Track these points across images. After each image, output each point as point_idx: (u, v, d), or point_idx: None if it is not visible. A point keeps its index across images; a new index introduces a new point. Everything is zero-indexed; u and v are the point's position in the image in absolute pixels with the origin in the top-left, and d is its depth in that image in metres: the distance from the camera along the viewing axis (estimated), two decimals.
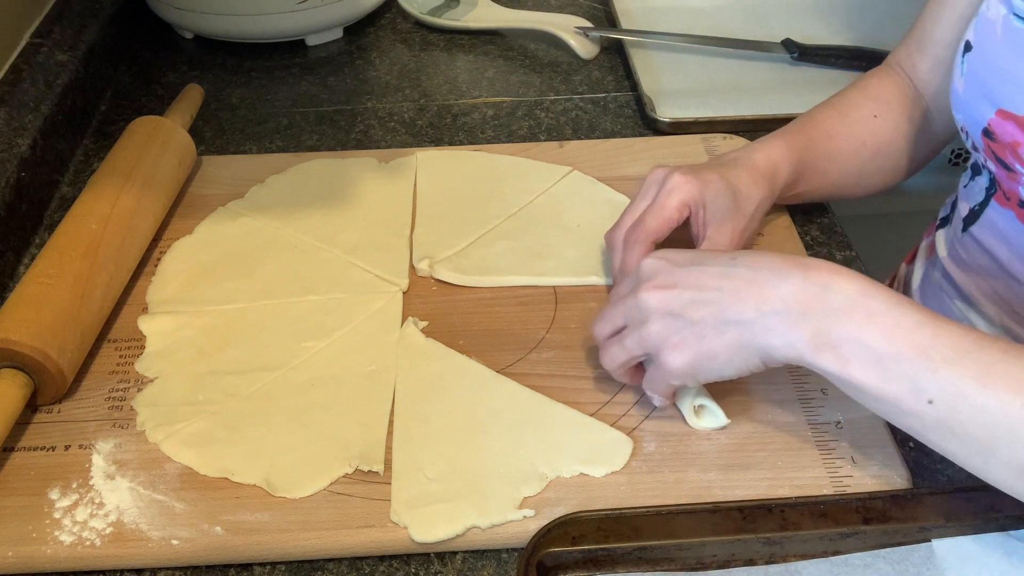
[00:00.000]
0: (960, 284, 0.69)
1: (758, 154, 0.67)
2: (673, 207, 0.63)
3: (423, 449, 0.56)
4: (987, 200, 0.65)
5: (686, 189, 0.63)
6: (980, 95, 0.60)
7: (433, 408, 0.59)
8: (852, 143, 0.71)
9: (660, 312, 0.53)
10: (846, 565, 0.51)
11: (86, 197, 0.68)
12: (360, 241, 0.71)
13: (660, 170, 0.65)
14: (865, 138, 0.71)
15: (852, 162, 0.72)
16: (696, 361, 0.52)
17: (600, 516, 0.52)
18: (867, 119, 0.71)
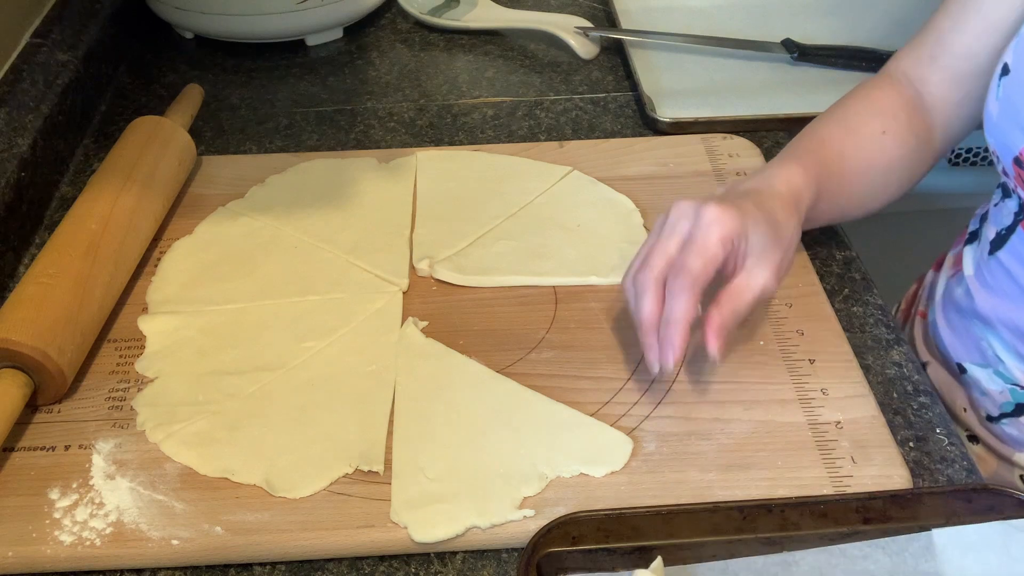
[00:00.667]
0: (981, 305, 0.67)
1: (778, 181, 0.61)
2: (715, 243, 0.55)
3: (423, 449, 0.56)
4: (1014, 225, 0.63)
5: (727, 222, 0.55)
6: (1013, 122, 0.58)
7: (433, 408, 0.59)
8: (862, 163, 0.67)
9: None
10: (844, 556, 0.51)
11: (86, 197, 0.68)
12: (360, 241, 0.71)
13: (687, 204, 0.57)
14: (874, 158, 0.67)
15: (862, 184, 0.67)
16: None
17: (600, 516, 0.52)
18: (876, 136, 0.67)
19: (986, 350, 0.68)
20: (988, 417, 0.70)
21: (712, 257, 0.55)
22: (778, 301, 0.66)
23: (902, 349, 0.65)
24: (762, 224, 0.57)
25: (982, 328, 0.68)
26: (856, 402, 0.59)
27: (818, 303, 0.66)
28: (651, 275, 0.56)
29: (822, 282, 0.68)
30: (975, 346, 0.69)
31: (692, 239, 0.56)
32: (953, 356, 0.72)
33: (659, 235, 0.58)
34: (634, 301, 0.57)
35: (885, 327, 0.66)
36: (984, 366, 0.69)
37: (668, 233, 0.57)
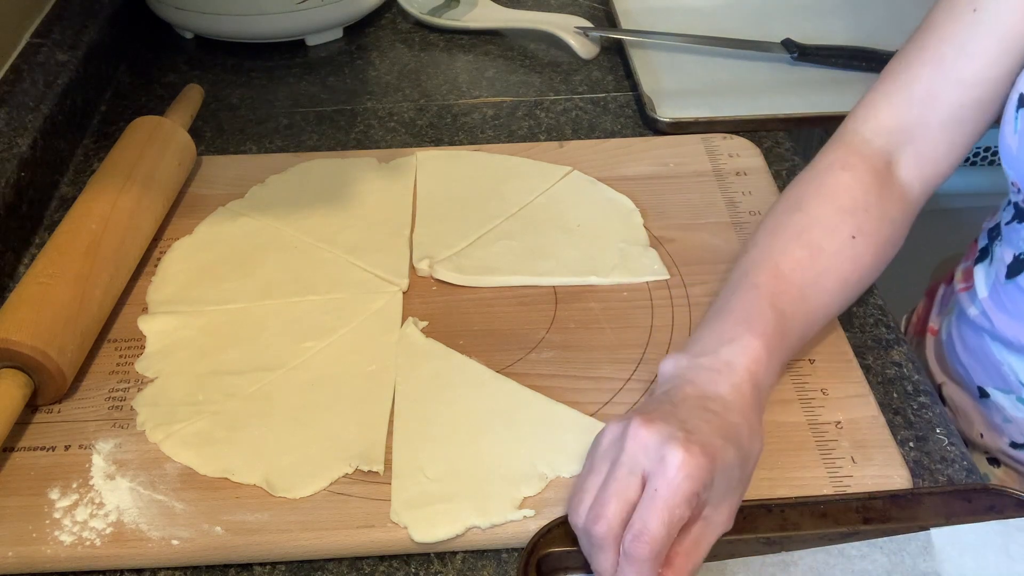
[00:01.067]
0: (1001, 329, 0.64)
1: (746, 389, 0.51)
2: (682, 504, 0.45)
3: (423, 449, 0.56)
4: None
5: (695, 473, 0.45)
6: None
7: (433, 408, 0.59)
8: (831, 287, 0.58)
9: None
10: (842, 556, 0.51)
11: (86, 197, 0.68)
12: (360, 241, 0.71)
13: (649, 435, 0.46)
14: (846, 273, 0.58)
15: (831, 308, 0.59)
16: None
17: None
18: (845, 247, 0.58)
19: (1008, 375, 0.66)
20: (1012, 444, 0.68)
21: (679, 520, 0.45)
22: None
23: (902, 349, 0.65)
24: (731, 467, 0.48)
25: (1003, 352, 0.66)
26: (856, 402, 0.59)
27: None
28: (609, 529, 0.46)
29: None
30: (996, 371, 0.67)
31: (656, 494, 0.45)
32: (974, 379, 0.69)
33: (614, 471, 0.47)
34: (588, 547, 0.48)
35: (885, 327, 0.66)
36: (1007, 392, 0.67)
37: (625, 473, 0.46)
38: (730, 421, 0.49)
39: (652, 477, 0.45)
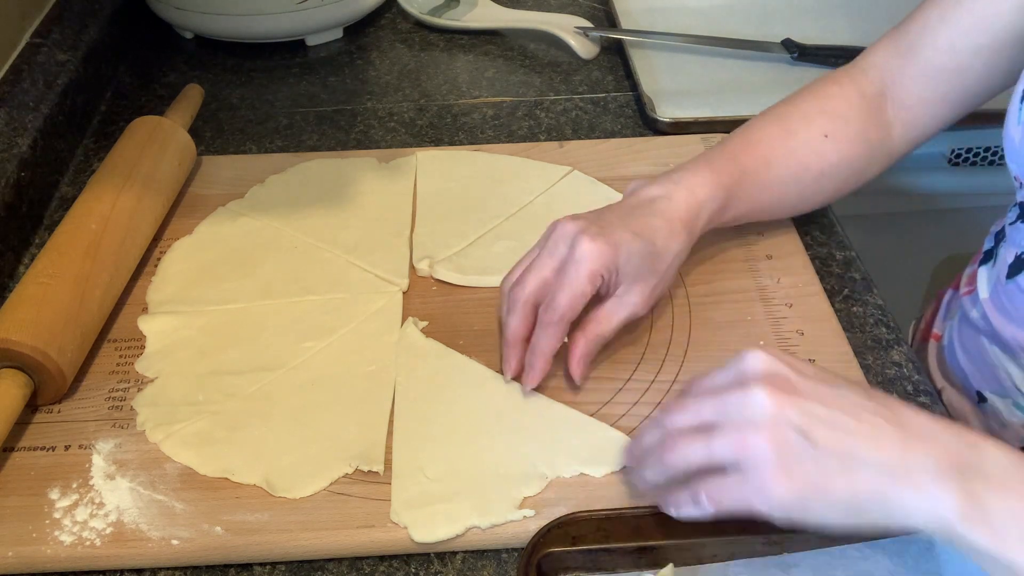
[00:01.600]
0: (999, 330, 0.64)
1: (680, 197, 0.60)
2: (584, 280, 0.56)
3: (423, 449, 0.56)
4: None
5: (597, 258, 0.55)
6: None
7: (433, 408, 0.59)
8: (793, 168, 0.65)
9: (777, 420, 0.43)
10: (843, 557, 0.51)
11: (86, 197, 0.68)
12: (360, 241, 0.71)
13: (568, 225, 0.57)
14: (809, 161, 0.65)
15: (790, 188, 0.66)
16: (805, 498, 0.43)
17: (600, 516, 0.52)
18: (815, 140, 0.65)
19: (1004, 380, 0.66)
20: None
21: (581, 294, 0.56)
22: (778, 301, 0.66)
23: (902, 349, 0.65)
24: (636, 256, 0.57)
25: (1002, 356, 0.66)
26: None
27: (818, 303, 0.66)
28: (522, 294, 0.57)
29: (822, 282, 0.68)
30: (992, 374, 0.67)
31: (565, 271, 0.56)
32: (972, 383, 0.70)
33: (539, 253, 0.58)
34: (505, 312, 0.59)
35: (885, 327, 0.66)
36: (1003, 396, 0.67)
37: (547, 255, 0.58)
38: (649, 222, 0.58)
39: (564, 261, 0.56)
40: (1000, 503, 0.40)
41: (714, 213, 0.62)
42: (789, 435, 0.43)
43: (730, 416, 0.45)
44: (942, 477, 0.41)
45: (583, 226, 0.57)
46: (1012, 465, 0.42)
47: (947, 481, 0.41)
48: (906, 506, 0.42)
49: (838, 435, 0.43)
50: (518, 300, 0.57)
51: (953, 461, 0.42)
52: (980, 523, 0.40)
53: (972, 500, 0.41)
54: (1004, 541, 0.40)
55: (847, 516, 0.43)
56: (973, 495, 0.41)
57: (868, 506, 0.42)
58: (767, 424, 0.43)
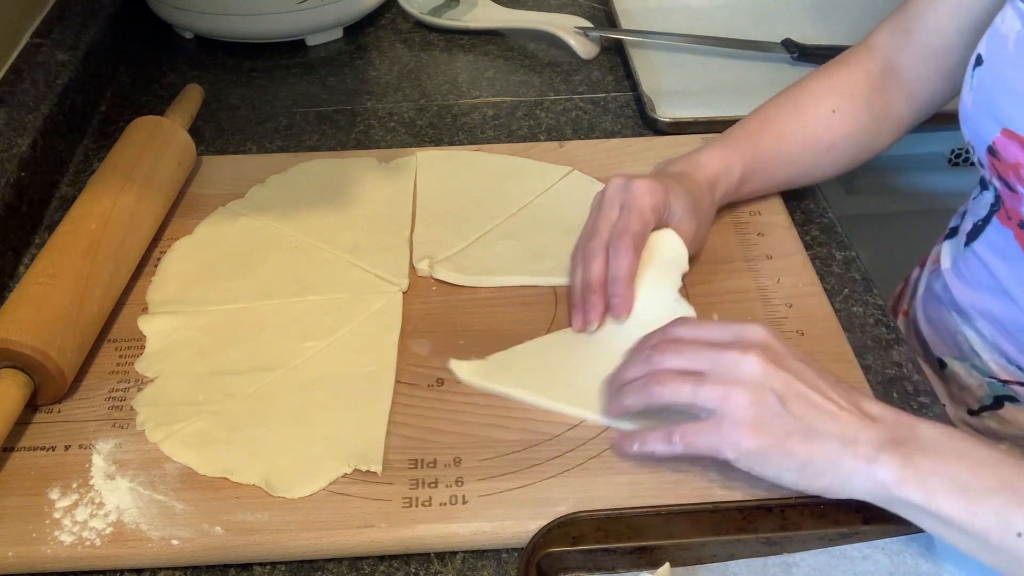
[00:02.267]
0: (958, 298, 0.69)
1: (699, 169, 0.67)
2: (648, 209, 0.62)
3: None
4: (990, 216, 0.65)
5: (655, 193, 0.62)
6: (987, 112, 0.59)
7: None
8: (805, 142, 0.71)
9: (762, 384, 0.50)
10: (844, 557, 0.51)
11: (86, 197, 0.68)
12: (360, 241, 0.71)
13: (620, 179, 0.64)
14: (819, 135, 0.71)
15: (803, 160, 0.72)
16: (768, 452, 0.49)
17: (600, 516, 0.52)
18: (824, 115, 0.71)
19: (963, 344, 0.70)
20: (969, 411, 0.71)
21: (647, 222, 0.62)
22: (778, 301, 0.66)
23: (902, 349, 0.65)
24: (682, 196, 0.64)
25: (959, 322, 0.69)
26: None
27: (818, 303, 0.66)
28: (600, 240, 0.62)
29: (822, 282, 0.68)
30: (952, 340, 0.71)
31: (628, 208, 0.62)
32: (934, 352, 0.73)
33: (600, 209, 0.64)
34: (582, 269, 0.63)
35: (885, 327, 0.66)
36: (962, 360, 0.70)
37: (608, 204, 0.64)
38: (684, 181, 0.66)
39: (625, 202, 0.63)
40: (929, 465, 0.47)
41: (730, 185, 0.69)
42: (769, 398, 0.49)
43: (721, 371, 0.51)
44: (883, 449, 0.48)
45: (631, 176, 0.64)
46: (941, 436, 0.48)
47: (886, 453, 0.48)
48: (851, 472, 0.48)
49: (807, 408, 0.49)
50: (598, 247, 0.62)
51: (894, 437, 0.48)
52: (912, 483, 0.47)
53: (906, 466, 0.47)
54: (933, 496, 0.46)
55: (801, 476, 0.49)
56: (907, 462, 0.47)
57: (820, 469, 0.49)
58: (753, 385, 0.50)
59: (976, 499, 0.46)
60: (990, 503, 0.46)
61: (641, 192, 0.62)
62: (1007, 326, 0.65)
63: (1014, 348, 0.65)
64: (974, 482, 0.46)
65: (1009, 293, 0.64)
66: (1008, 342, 0.66)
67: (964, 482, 0.46)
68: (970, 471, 0.47)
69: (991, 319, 0.66)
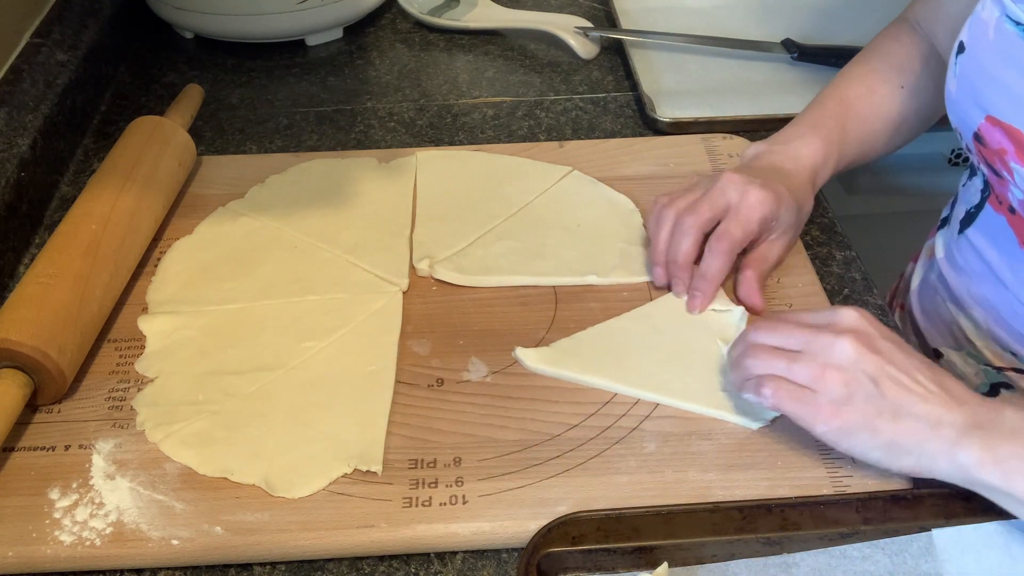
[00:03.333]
0: (952, 286, 0.70)
1: (804, 161, 0.68)
2: (756, 221, 0.63)
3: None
4: (982, 203, 0.65)
5: (768, 204, 0.63)
6: (971, 99, 0.60)
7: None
8: (881, 121, 0.72)
9: (854, 367, 0.52)
10: (844, 557, 0.51)
11: (86, 197, 0.68)
12: (360, 241, 0.71)
13: (737, 177, 0.64)
14: (893, 114, 0.72)
15: (880, 139, 0.73)
16: (856, 430, 0.51)
17: (600, 516, 0.52)
18: (895, 93, 0.72)
19: (958, 333, 0.70)
20: None
21: (751, 232, 0.63)
22: (778, 301, 0.66)
23: None
24: (791, 211, 0.65)
25: (955, 310, 0.70)
26: None
27: (818, 303, 0.66)
28: (697, 221, 0.64)
29: (822, 282, 0.68)
30: (948, 330, 0.71)
31: (737, 211, 0.63)
32: (929, 343, 0.74)
33: (709, 191, 0.65)
34: (667, 234, 0.65)
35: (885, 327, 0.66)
36: (958, 349, 0.71)
37: (718, 194, 0.64)
38: (793, 182, 0.66)
39: (736, 204, 0.63)
40: (1009, 450, 0.49)
41: (827, 174, 0.70)
42: (861, 379, 0.51)
43: (816, 351, 0.53)
44: (966, 433, 0.50)
45: (750, 178, 0.64)
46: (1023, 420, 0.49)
47: (969, 436, 0.49)
48: (934, 453, 0.50)
49: (898, 389, 0.51)
50: (692, 226, 0.64)
51: (977, 420, 0.50)
52: (992, 466, 0.49)
53: (987, 449, 0.49)
54: (1011, 479, 0.48)
55: (886, 455, 0.51)
56: (988, 445, 0.49)
57: (906, 448, 0.51)
58: (846, 367, 0.52)
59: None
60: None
61: (754, 202, 0.63)
62: (1000, 312, 0.66)
63: (1007, 334, 0.66)
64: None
65: (1002, 279, 0.64)
66: (1002, 328, 0.66)
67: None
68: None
69: (985, 306, 0.67)
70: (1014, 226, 0.62)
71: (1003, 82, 0.57)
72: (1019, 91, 0.56)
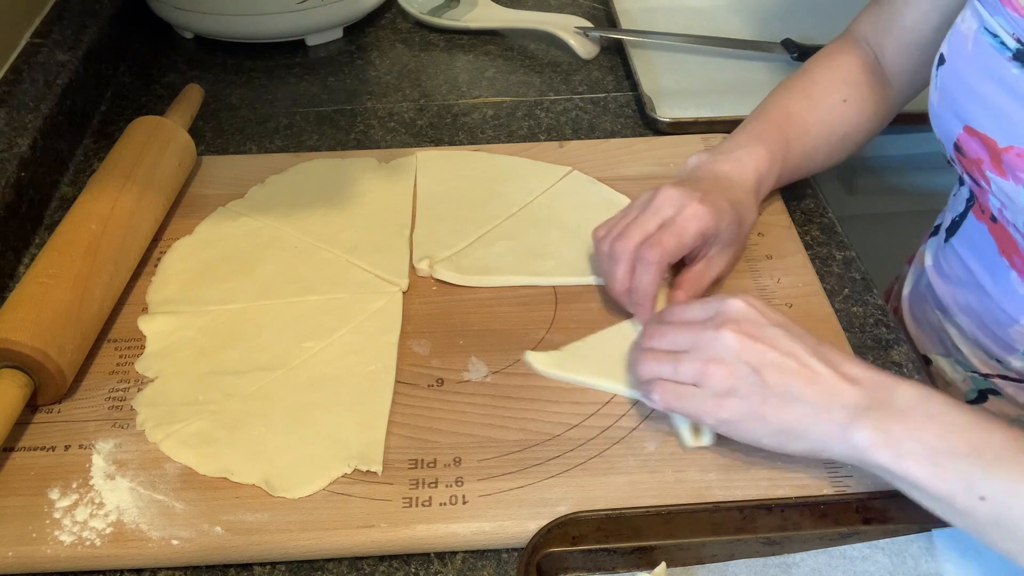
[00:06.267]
0: (940, 294, 0.70)
1: (748, 169, 0.67)
2: (692, 235, 0.61)
3: None
4: (966, 211, 0.66)
5: (706, 220, 0.61)
6: (950, 110, 0.61)
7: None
8: (824, 134, 0.71)
9: (736, 358, 0.52)
10: (844, 557, 0.51)
11: (86, 197, 0.68)
12: (360, 241, 0.71)
13: (675, 192, 0.62)
14: (835, 126, 0.71)
15: (823, 151, 0.72)
16: (743, 420, 0.52)
17: (600, 516, 0.52)
18: (838, 106, 0.71)
19: (945, 340, 0.71)
20: None
21: (686, 245, 0.61)
22: (778, 301, 0.66)
23: (902, 349, 0.65)
24: (733, 224, 0.63)
25: (942, 318, 0.70)
26: None
27: (818, 303, 0.66)
28: (628, 245, 0.61)
29: (822, 282, 0.68)
30: (936, 337, 0.72)
31: (672, 223, 0.61)
32: (919, 348, 0.74)
33: (643, 212, 0.63)
34: (606, 262, 0.63)
35: (885, 327, 0.66)
36: (946, 356, 0.71)
37: (652, 213, 0.62)
38: (735, 194, 0.64)
39: (671, 219, 0.61)
40: (901, 430, 0.48)
41: (771, 184, 0.69)
42: (744, 371, 0.52)
43: (700, 347, 0.53)
44: (858, 414, 0.49)
45: (689, 191, 0.62)
46: (918, 399, 0.49)
47: (862, 417, 0.49)
48: (826, 436, 0.50)
49: (781, 375, 0.51)
50: (624, 251, 0.62)
51: (870, 400, 0.49)
52: (884, 447, 0.48)
53: (880, 430, 0.48)
54: (902, 460, 0.48)
55: (778, 442, 0.52)
56: (881, 425, 0.48)
57: (797, 433, 0.51)
58: (728, 359, 0.52)
59: (943, 463, 0.47)
60: (956, 467, 0.46)
61: (692, 215, 0.61)
62: (984, 320, 0.66)
63: (992, 341, 0.66)
64: (943, 446, 0.47)
65: (984, 287, 0.65)
66: (986, 336, 0.66)
67: (933, 446, 0.47)
68: (940, 435, 0.47)
69: (969, 314, 0.67)
70: (995, 235, 0.63)
71: (980, 93, 0.58)
72: (995, 102, 0.57)
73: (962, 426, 0.47)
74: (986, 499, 0.46)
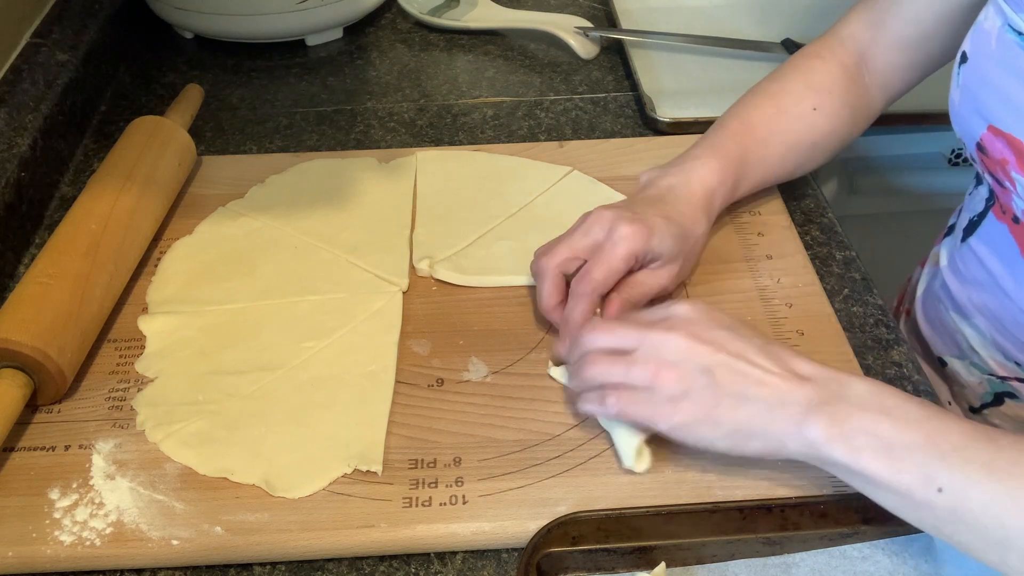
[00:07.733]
0: (956, 295, 0.69)
1: (695, 182, 0.65)
2: (620, 259, 0.60)
3: None
4: (986, 211, 0.65)
5: (634, 240, 0.60)
6: (973, 110, 0.60)
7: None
8: (789, 144, 0.70)
9: (686, 361, 0.51)
10: (844, 557, 0.51)
11: (86, 197, 0.68)
12: (360, 241, 0.71)
13: (607, 213, 0.61)
14: (802, 135, 0.70)
15: (787, 161, 0.71)
16: (696, 423, 0.51)
17: (600, 516, 0.52)
18: (806, 114, 0.69)
19: (961, 342, 0.70)
20: (971, 409, 0.72)
21: (615, 271, 0.60)
22: (778, 301, 0.66)
23: (902, 349, 0.65)
24: (668, 238, 0.61)
25: (958, 320, 0.69)
26: None
27: (818, 303, 0.66)
28: (552, 262, 0.61)
29: (822, 282, 0.68)
30: (951, 339, 0.71)
31: (601, 249, 0.60)
32: (934, 351, 0.74)
33: (573, 232, 0.62)
34: (535, 279, 0.63)
35: (885, 327, 0.66)
36: (961, 358, 0.71)
37: (581, 233, 0.62)
38: (676, 208, 0.63)
39: (600, 242, 0.60)
40: (856, 424, 0.47)
41: (726, 195, 0.67)
42: (694, 373, 0.51)
43: (649, 349, 0.52)
44: (812, 410, 0.49)
45: (619, 212, 0.61)
46: (871, 393, 0.49)
47: (815, 413, 0.48)
48: (780, 433, 0.49)
49: (732, 376, 0.50)
50: (547, 268, 0.61)
51: (823, 396, 0.49)
52: (839, 442, 0.47)
53: (834, 425, 0.48)
54: (858, 455, 0.47)
55: (733, 443, 0.51)
56: (835, 421, 0.48)
57: (750, 433, 0.50)
58: (679, 362, 0.51)
59: (900, 455, 0.46)
60: (913, 459, 0.46)
61: (620, 237, 0.60)
62: (1003, 322, 0.65)
63: (1011, 344, 0.66)
64: (899, 439, 0.46)
65: (1004, 288, 0.64)
66: (1005, 338, 0.66)
67: (889, 439, 0.47)
68: (895, 428, 0.47)
69: (987, 315, 0.66)
70: (1016, 236, 0.62)
71: (1005, 92, 0.57)
72: (1020, 101, 0.56)
73: (917, 419, 0.47)
74: (944, 490, 0.45)
